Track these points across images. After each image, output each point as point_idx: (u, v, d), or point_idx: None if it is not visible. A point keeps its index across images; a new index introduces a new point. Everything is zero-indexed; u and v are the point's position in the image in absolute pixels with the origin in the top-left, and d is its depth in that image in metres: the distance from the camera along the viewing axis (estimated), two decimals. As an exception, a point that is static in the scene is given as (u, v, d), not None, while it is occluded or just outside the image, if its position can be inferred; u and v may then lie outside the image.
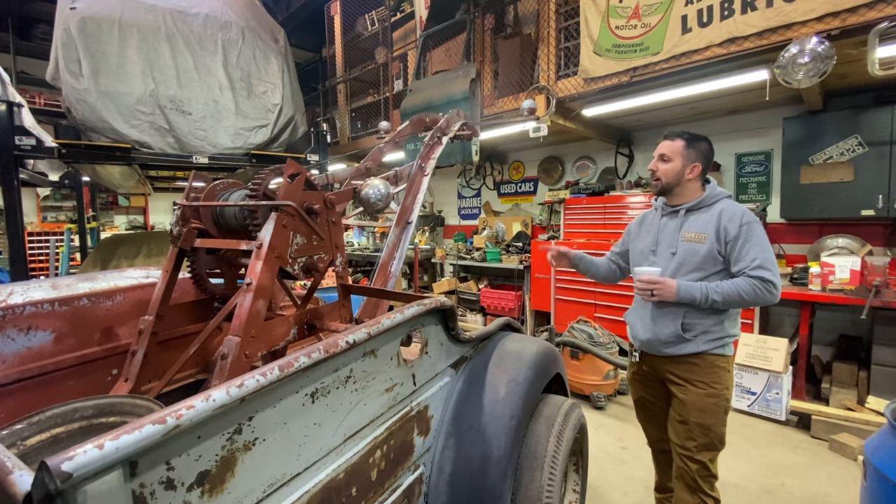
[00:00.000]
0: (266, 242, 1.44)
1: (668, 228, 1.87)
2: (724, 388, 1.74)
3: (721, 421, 1.76)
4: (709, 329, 1.74)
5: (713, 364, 1.74)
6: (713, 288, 1.66)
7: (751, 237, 1.67)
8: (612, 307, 4.40)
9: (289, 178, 1.50)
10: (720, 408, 1.75)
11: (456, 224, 7.09)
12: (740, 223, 1.69)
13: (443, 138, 2.67)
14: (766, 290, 1.61)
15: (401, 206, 2.21)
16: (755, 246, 1.66)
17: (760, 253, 1.64)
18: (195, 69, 4.28)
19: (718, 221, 1.73)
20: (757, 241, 1.67)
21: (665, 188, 1.86)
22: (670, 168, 1.82)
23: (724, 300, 1.65)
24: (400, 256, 2.11)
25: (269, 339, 1.48)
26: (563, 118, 3.86)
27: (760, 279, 1.61)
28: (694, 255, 1.76)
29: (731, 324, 1.77)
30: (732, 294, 1.64)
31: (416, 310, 1.33)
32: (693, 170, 1.80)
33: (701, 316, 1.74)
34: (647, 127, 4.82)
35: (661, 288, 1.71)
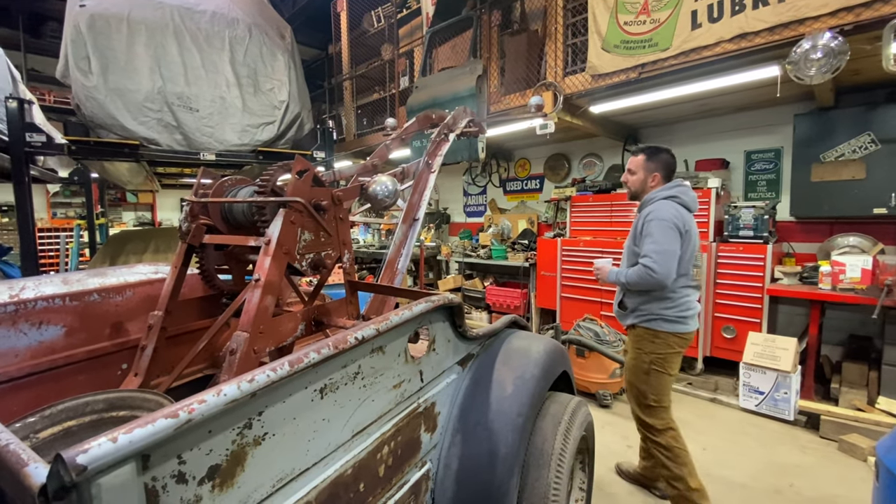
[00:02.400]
0: (274, 239, 1.44)
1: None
2: (643, 354, 2.16)
3: (641, 380, 2.19)
4: (637, 307, 2.17)
5: (640, 335, 2.18)
6: (623, 273, 2.14)
7: (649, 232, 2.04)
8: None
9: (297, 174, 1.51)
10: (640, 369, 2.18)
11: (461, 221, 7.09)
12: (645, 221, 2.07)
13: (449, 135, 2.67)
14: (647, 274, 1.99)
15: (407, 203, 2.21)
16: (648, 238, 2.04)
17: (650, 245, 2.01)
18: (202, 66, 4.29)
19: (639, 220, 2.14)
20: (651, 235, 2.03)
21: (634, 195, 2.29)
22: (636, 179, 2.24)
23: (627, 282, 2.11)
24: (406, 253, 2.12)
25: (276, 334, 1.49)
26: (571, 115, 3.84)
27: (644, 266, 2.00)
28: (626, 248, 2.27)
29: (661, 305, 2.10)
30: (631, 277, 2.08)
31: (424, 306, 1.33)
32: (654, 178, 2.20)
33: (631, 296, 2.20)
34: (655, 124, 4.78)
35: (598, 274, 2.36)
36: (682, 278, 2.08)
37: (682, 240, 2.03)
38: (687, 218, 2.07)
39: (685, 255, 2.06)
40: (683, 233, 2.03)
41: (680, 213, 2.05)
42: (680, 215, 2.04)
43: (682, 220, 2.04)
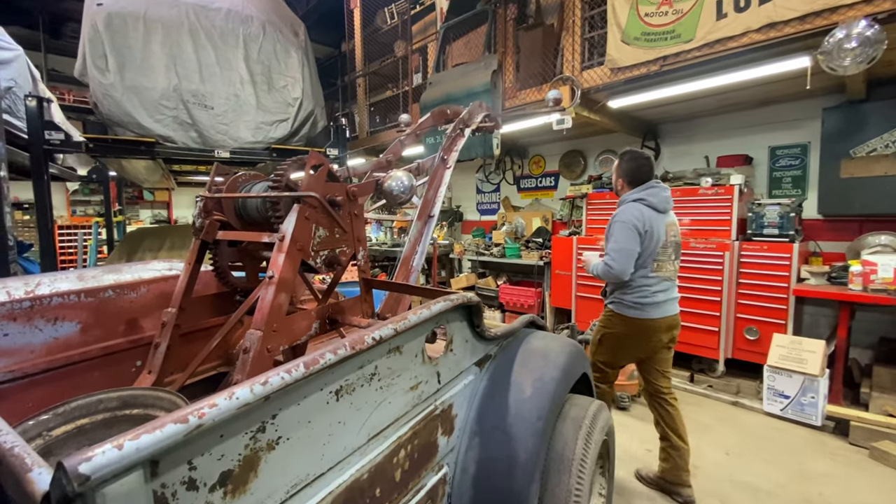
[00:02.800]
0: (288, 235, 1.41)
1: None
2: (604, 327, 2.51)
3: (594, 344, 2.59)
4: (611, 293, 2.47)
5: (606, 314, 2.51)
6: (597, 265, 2.38)
7: (611, 233, 2.34)
8: (637, 305, 4.28)
9: (311, 169, 1.47)
10: (596, 337, 2.57)
11: (474, 219, 7.02)
12: (611, 221, 2.36)
13: (465, 130, 2.61)
14: (607, 269, 2.29)
15: (423, 200, 2.16)
16: (611, 238, 2.33)
17: (611, 243, 2.31)
18: (217, 63, 4.30)
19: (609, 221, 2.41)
20: (613, 235, 2.32)
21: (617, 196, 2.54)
22: (614, 182, 2.56)
23: (595, 274, 2.40)
24: (422, 251, 2.07)
25: (290, 333, 1.46)
26: (588, 110, 3.75)
27: (605, 262, 2.31)
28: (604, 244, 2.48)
29: (622, 292, 2.39)
30: (597, 270, 2.37)
31: (442, 306, 1.28)
32: (619, 183, 2.50)
33: (611, 286, 2.48)
34: (675, 119, 4.65)
35: (585, 264, 2.55)
36: (640, 270, 2.32)
37: (641, 239, 2.26)
38: (651, 218, 2.28)
39: (645, 251, 2.29)
40: (643, 232, 2.26)
41: (643, 214, 2.27)
42: (642, 216, 2.27)
43: (644, 220, 2.26)
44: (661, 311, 2.35)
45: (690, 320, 3.96)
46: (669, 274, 2.39)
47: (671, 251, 2.38)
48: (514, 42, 4.39)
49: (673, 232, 2.39)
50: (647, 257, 2.29)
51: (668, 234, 2.35)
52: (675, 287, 2.45)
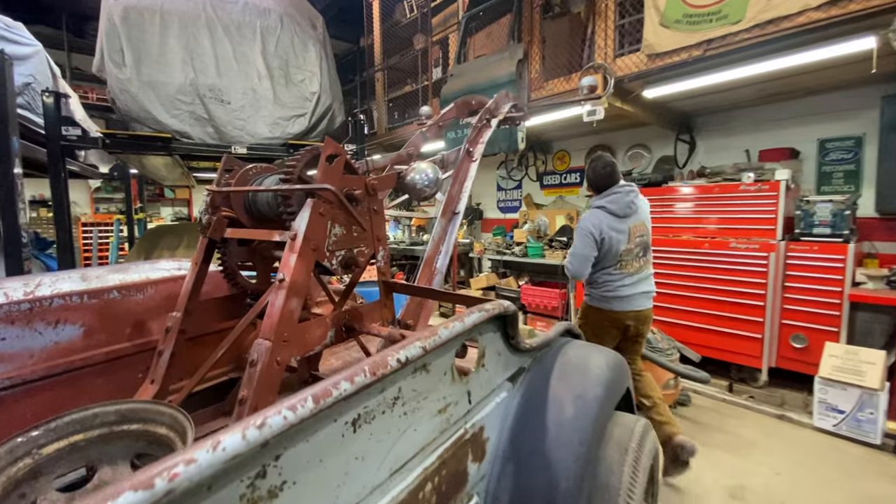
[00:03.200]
0: (301, 233, 1.25)
1: None
2: (579, 319, 2.80)
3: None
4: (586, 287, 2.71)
5: (584, 305, 2.75)
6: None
7: (574, 237, 2.61)
8: (672, 309, 4.03)
9: (327, 159, 1.31)
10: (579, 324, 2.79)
11: (495, 217, 6.82)
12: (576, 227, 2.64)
13: (492, 121, 2.42)
14: (567, 269, 2.61)
15: (447, 195, 1.99)
16: (572, 242, 2.61)
17: (571, 248, 2.59)
18: (234, 57, 4.21)
19: None
20: (574, 239, 2.60)
21: None
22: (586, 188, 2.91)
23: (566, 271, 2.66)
24: (447, 251, 1.90)
25: (303, 342, 1.30)
26: (621, 100, 3.52)
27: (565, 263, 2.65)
28: None
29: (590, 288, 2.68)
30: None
31: (477, 317, 1.11)
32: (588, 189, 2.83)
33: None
34: (712, 111, 4.37)
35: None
36: (604, 269, 2.55)
37: (598, 245, 2.48)
38: (611, 225, 2.48)
39: (607, 254, 2.51)
40: (599, 239, 2.48)
41: (601, 221, 2.49)
42: (600, 224, 2.48)
43: (601, 228, 2.47)
44: (625, 304, 2.55)
45: (729, 325, 3.70)
46: (634, 270, 2.56)
47: (637, 250, 2.56)
48: (539, 31, 4.17)
49: (640, 232, 2.57)
50: (609, 259, 2.52)
51: (634, 234, 2.53)
52: (643, 282, 2.61)
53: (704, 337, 3.85)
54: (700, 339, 3.87)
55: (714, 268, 3.77)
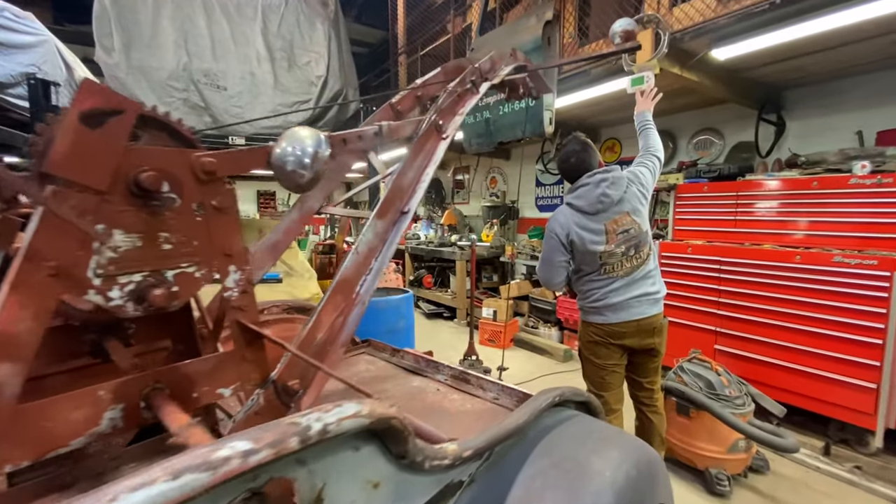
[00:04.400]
0: (23, 249, 0.70)
1: None
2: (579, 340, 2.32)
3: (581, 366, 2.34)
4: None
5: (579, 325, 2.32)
6: None
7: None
8: (746, 339, 3.11)
9: (85, 118, 0.75)
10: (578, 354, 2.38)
11: (533, 217, 6.05)
12: None
13: (481, 85, 1.76)
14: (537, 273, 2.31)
15: (390, 186, 1.37)
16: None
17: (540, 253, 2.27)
18: (231, 39, 3.84)
19: None
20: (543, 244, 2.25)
21: None
22: None
23: None
24: (378, 269, 1.28)
25: (31, 438, 0.75)
26: (680, 66, 2.67)
27: None
28: None
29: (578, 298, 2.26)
30: None
31: (263, 455, 0.49)
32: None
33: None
34: (808, 80, 3.35)
35: None
36: (586, 276, 2.14)
37: (566, 248, 2.10)
38: (579, 223, 2.07)
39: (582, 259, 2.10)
40: (566, 242, 2.09)
41: (568, 220, 2.08)
42: (566, 224, 2.08)
43: (568, 228, 2.08)
44: (619, 313, 2.11)
45: (829, 367, 2.75)
46: (626, 271, 2.10)
47: (625, 248, 2.07)
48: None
49: (624, 226, 2.06)
50: (588, 263, 2.11)
51: (614, 231, 2.05)
52: (640, 283, 2.12)
53: (792, 379, 2.91)
54: (786, 382, 2.93)
55: (809, 289, 2.82)
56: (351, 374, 1.98)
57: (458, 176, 7.62)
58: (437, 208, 7.85)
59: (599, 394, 2.20)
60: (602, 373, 2.20)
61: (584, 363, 2.30)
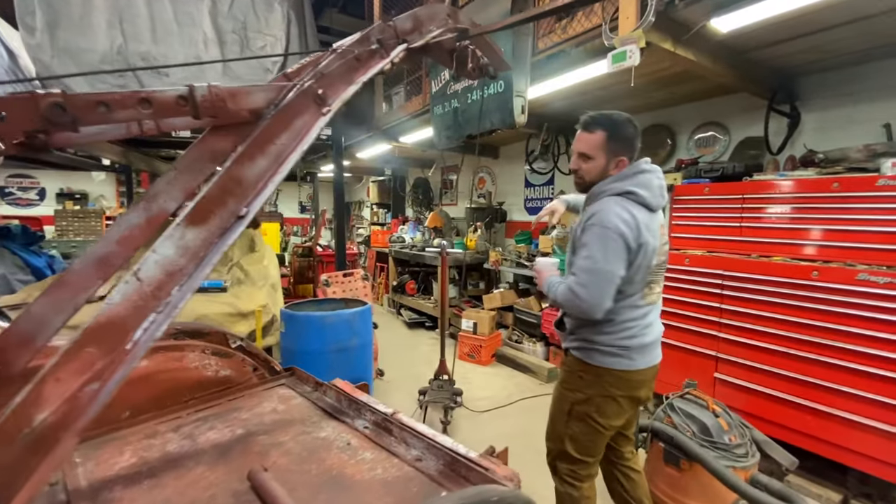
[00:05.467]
0: None
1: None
2: (567, 390, 1.71)
3: (560, 420, 1.73)
4: (574, 329, 1.69)
5: (570, 365, 1.72)
6: (554, 284, 1.62)
7: (584, 241, 1.54)
8: (750, 368, 2.65)
9: None
10: (560, 406, 1.73)
11: (521, 220, 5.60)
12: (584, 226, 1.56)
13: (395, 48, 1.33)
14: (571, 296, 1.51)
15: (221, 178, 0.95)
16: (583, 251, 1.53)
17: (584, 260, 1.52)
18: (175, 19, 3.45)
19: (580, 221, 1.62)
20: (587, 246, 1.52)
21: (588, 186, 1.68)
22: (594, 167, 1.63)
23: (552, 300, 1.63)
24: (178, 301, 0.85)
25: None
26: (673, 40, 2.21)
27: (567, 285, 1.53)
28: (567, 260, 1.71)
29: (596, 331, 1.60)
30: (558, 296, 1.58)
31: None
32: (619, 164, 1.62)
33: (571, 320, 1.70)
34: (828, 64, 2.87)
35: (536, 277, 1.80)
36: (627, 299, 1.58)
37: (631, 255, 1.51)
38: (646, 224, 1.53)
39: (636, 273, 1.55)
40: (635, 247, 1.51)
41: (635, 218, 1.52)
42: (634, 221, 1.51)
43: (636, 228, 1.51)
44: (648, 357, 1.66)
45: (849, 407, 2.28)
46: (658, 297, 1.71)
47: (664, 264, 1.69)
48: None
49: (665, 238, 1.69)
50: (638, 281, 1.59)
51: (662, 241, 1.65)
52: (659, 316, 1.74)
53: (805, 419, 2.43)
54: (797, 422, 2.45)
55: (827, 311, 2.35)
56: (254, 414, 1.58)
57: (448, 175, 7.20)
58: (425, 209, 7.43)
59: (584, 460, 1.73)
60: (600, 437, 1.70)
61: (576, 422, 1.70)
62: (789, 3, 1.88)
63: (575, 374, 1.69)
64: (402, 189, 8.28)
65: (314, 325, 2.87)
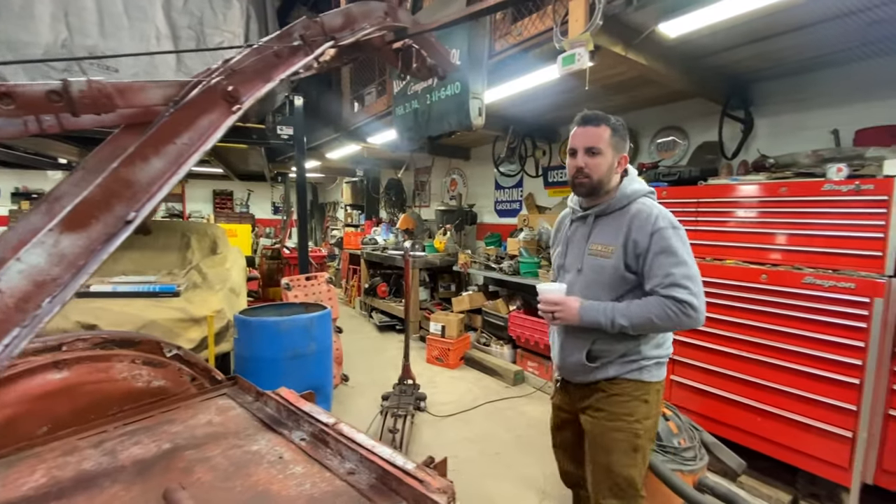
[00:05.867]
0: None
1: (576, 237, 1.62)
2: (634, 421, 1.50)
3: (628, 461, 1.50)
4: (626, 352, 1.50)
5: (624, 391, 1.51)
6: (621, 311, 1.42)
7: (664, 247, 1.41)
8: (703, 370, 2.67)
9: None
10: (627, 444, 1.49)
11: (492, 223, 5.59)
12: (651, 231, 1.42)
13: (320, 45, 1.28)
14: (681, 312, 1.37)
15: (106, 178, 0.88)
16: (670, 258, 1.40)
17: (676, 266, 1.40)
18: (125, 13, 3.31)
19: (628, 230, 1.46)
20: (672, 251, 1.41)
21: (596, 188, 1.52)
22: (602, 163, 1.49)
23: (633, 325, 1.41)
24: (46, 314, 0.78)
25: None
26: (624, 45, 2.21)
27: (674, 299, 1.38)
28: (600, 272, 1.51)
29: (650, 345, 1.51)
30: (642, 318, 1.40)
31: None
32: (621, 162, 1.54)
33: (612, 341, 1.50)
34: (779, 72, 2.93)
35: (561, 310, 1.49)
36: None
37: None
38: None
39: None
40: None
41: None
42: None
43: None
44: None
45: (798, 409, 2.32)
46: None
47: None
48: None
49: None
50: None
51: None
52: None
53: (756, 421, 2.47)
54: (748, 423, 2.48)
55: (775, 314, 2.39)
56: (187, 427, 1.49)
57: (421, 177, 7.15)
58: (399, 211, 7.37)
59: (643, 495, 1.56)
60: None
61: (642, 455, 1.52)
62: (730, 9, 1.90)
63: (638, 400, 1.50)
64: (376, 190, 8.20)
65: (268, 330, 2.79)
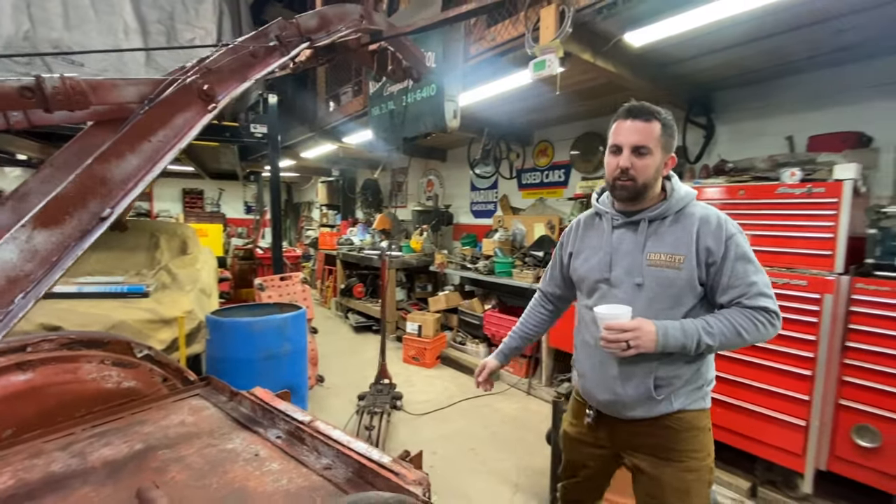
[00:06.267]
0: None
1: (624, 247, 1.35)
2: (706, 456, 1.36)
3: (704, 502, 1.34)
4: (688, 378, 1.32)
5: (692, 425, 1.33)
6: (703, 328, 1.22)
7: (740, 254, 1.25)
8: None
9: None
10: (703, 483, 1.34)
11: (468, 223, 5.66)
12: (724, 236, 1.26)
13: (296, 46, 1.30)
14: (769, 322, 1.22)
15: (80, 175, 0.88)
16: (748, 265, 1.25)
17: (756, 275, 1.25)
18: (91, 5, 3.21)
19: (697, 237, 1.27)
20: (749, 258, 1.26)
21: (640, 192, 1.30)
22: (650, 164, 1.26)
23: (721, 343, 1.22)
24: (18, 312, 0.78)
25: None
26: (592, 52, 2.31)
27: (764, 310, 1.22)
28: (669, 285, 1.28)
29: (708, 366, 1.37)
30: (731, 334, 1.21)
31: None
32: (668, 164, 1.32)
33: (678, 366, 1.30)
34: (740, 80, 3.09)
35: (637, 336, 1.20)
36: None
37: None
38: None
39: None
40: None
41: None
42: None
43: None
44: None
45: (755, 400, 2.45)
46: None
47: None
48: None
49: None
50: None
51: None
52: None
53: (715, 412, 2.58)
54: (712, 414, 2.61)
55: (734, 310, 2.52)
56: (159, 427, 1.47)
57: (398, 178, 7.16)
58: (375, 211, 7.35)
59: None
60: None
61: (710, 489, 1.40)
62: (688, 22, 2.01)
63: (704, 432, 1.36)
64: (352, 190, 8.15)
65: (241, 331, 2.75)
